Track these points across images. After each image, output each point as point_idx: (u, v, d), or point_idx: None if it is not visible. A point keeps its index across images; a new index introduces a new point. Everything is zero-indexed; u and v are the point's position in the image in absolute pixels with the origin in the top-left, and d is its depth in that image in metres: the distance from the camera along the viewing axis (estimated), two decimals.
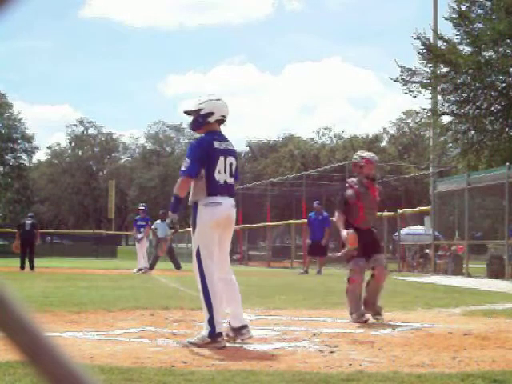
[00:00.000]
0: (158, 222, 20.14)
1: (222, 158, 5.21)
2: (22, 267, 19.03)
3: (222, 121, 5.36)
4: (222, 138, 5.30)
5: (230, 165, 5.26)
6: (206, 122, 5.27)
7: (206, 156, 5.16)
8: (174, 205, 5.36)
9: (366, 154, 7.22)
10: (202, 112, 5.27)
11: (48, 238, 22.97)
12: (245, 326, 5.22)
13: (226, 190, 5.22)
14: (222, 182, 5.19)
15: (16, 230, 20.00)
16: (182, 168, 5.23)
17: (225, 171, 5.22)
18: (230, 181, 5.26)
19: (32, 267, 18.88)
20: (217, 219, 5.15)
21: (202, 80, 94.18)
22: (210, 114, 5.26)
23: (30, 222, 19.68)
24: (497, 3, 20.17)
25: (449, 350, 4.96)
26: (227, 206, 5.21)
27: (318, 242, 18.57)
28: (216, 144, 5.21)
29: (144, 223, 19.30)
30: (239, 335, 5.18)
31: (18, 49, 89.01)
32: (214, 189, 5.17)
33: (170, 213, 5.49)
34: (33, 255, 19.34)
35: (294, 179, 35.37)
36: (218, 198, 5.17)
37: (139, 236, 19.32)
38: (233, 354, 4.68)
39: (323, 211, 19.12)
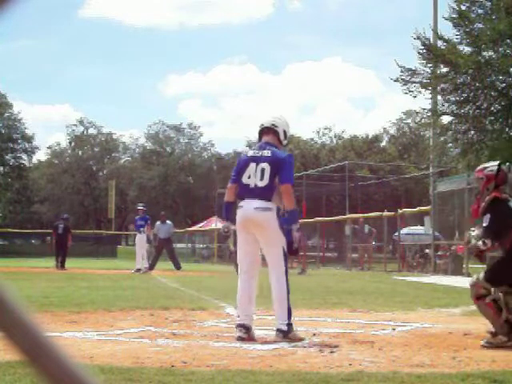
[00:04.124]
0: (158, 223, 20.35)
1: (252, 164, 5.58)
2: (57, 267, 20.77)
3: (263, 130, 5.81)
4: (262, 147, 5.67)
5: (262, 170, 5.52)
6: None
7: (238, 165, 5.74)
8: (223, 211, 5.86)
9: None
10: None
11: (48, 238, 23.14)
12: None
13: (251, 192, 5.52)
14: (252, 185, 5.54)
15: (52, 231, 22.34)
16: None
17: (255, 176, 5.54)
18: (261, 184, 5.51)
19: (62, 266, 20.70)
20: (238, 222, 5.59)
21: (202, 80, 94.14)
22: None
23: (62, 225, 21.67)
24: (497, 3, 20.15)
25: (449, 350, 4.96)
26: (247, 208, 5.51)
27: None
28: (250, 153, 5.74)
29: (143, 222, 19.36)
30: None
31: (18, 49, 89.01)
32: (241, 192, 5.61)
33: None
34: (64, 256, 21.24)
35: (294, 179, 35.29)
36: (242, 202, 5.59)
37: (138, 236, 19.38)
38: (233, 354, 4.68)
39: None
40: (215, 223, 36.45)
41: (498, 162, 5.78)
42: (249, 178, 5.56)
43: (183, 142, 65.47)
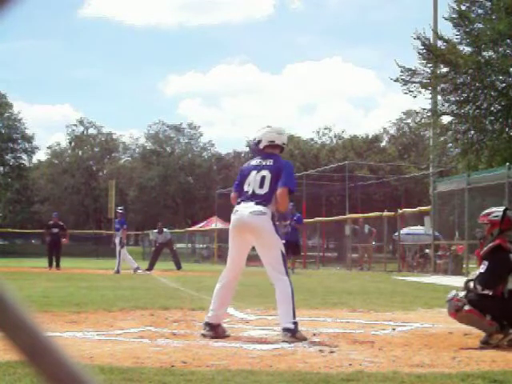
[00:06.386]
0: (156, 231, 20.97)
1: (253, 173, 5.73)
2: (50, 266, 21.06)
3: (273, 146, 5.87)
4: (266, 157, 5.80)
5: (262, 177, 5.66)
6: (257, 149, 5.97)
7: (240, 175, 5.88)
8: None
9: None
10: (255, 140, 6.03)
11: (48, 238, 23.20)
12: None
13: (248, 198, 5.64)
14: (250, 192, 5.66)
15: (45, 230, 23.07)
16: None
17: (254, 183, 5.68)
18: (259, 191, 5.63)
19: (58, 265, 20.91)
20: (233, 226, 5.69)
21: (202, 80, 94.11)
22: (259, 141, 5.94)
23: (58, 224, 22.22)
24: (497, 3, 20.14)
25: (449, 350, 4.96)
26: (242, 213, 5.59)
27: (291, 242, 18.37)
28: (253, 162, 5.86)
29: (119, 226, 19.20)
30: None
31: (18, 49, 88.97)
32: (240, 197, 5.72)
33: None
34: (59, 255, 21.59)
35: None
36: (238, 206, 5.68)
37: (116, 240, 19.14)
38: (233, 354, 4.67)
39: (296, 212, 19.53)
40: (215, 223, 36.45)
41: (504, 207, 5.72)
42: (248, 185, 5.71)
43: (183, 142, 65.45)
